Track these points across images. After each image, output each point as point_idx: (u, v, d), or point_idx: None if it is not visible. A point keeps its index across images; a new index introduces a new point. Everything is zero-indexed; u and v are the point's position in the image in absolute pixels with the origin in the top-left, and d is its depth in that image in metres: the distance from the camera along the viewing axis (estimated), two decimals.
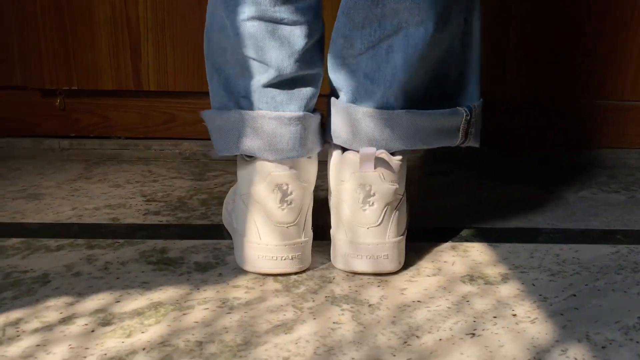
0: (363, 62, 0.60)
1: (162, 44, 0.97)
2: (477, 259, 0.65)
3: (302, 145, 0.60)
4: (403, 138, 0.61)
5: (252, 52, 0.59)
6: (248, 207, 0.61)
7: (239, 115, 0.60)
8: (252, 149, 0.60)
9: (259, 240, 0.60)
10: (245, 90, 0.61)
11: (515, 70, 0.99)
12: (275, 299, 0.57)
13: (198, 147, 1.01)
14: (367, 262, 0.60)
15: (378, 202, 0.59)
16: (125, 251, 0.66)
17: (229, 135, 0.61)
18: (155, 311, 0.54)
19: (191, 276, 0.61)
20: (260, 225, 0.60)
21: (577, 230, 0.73)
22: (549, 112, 1.01)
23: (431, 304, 0.56)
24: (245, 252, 0.61)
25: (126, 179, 0.90)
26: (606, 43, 0.97)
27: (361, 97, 0.61)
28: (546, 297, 0.57)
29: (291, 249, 0.60)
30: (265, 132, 0.59)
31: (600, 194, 0.86)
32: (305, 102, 0.60)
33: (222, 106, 0.63)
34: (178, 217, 0.76)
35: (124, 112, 1.01)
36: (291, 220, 0.60)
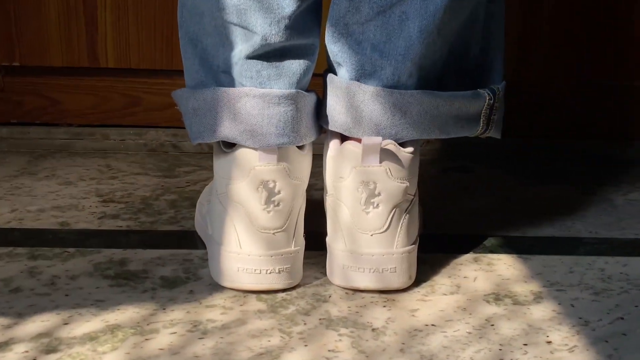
0: (371, 31, 0.60)
1: (124, 10, 0.96)
2: (504, 274, 0.65)
3: (294, 130, 0.59)
4: (416, 125, 0.60)
5: (234, 16, 0.59)
6: (226, 209, 0.60)
7: (217, 93, 0.60)
8: (232, 134, 0.59)
9: (239, 249, 0.60)
10: (226, 64, 0.61)
11: (549, 49, 0.99)
12: (258, 322, 0.56)
13: (167, 136, 1.00)
14: (370, 277, 0.60)
15: (384, 203, 0.59)
16: (76, 263, 0.66)
17: (205, 118, 0.61)
18: (112, 335, 0.54)
19: (156, 293, 0.60)
20: (241, 231, 0.60)
21: (625, 240, 0.74)
22: (589, 97, 1.01)
23: (448, 328, 0.56)
24: (222, 264, 0.61)
25: (79, 175, 0.89)
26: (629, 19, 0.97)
27: (367, 73, 0.60)
28: (588, 320, 0.57)
29: (278, 261, 0.60)
30: (248, 114, 0.59)
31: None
32: (298, 78, 0.60)
33: (198, 84, 0.63)
34: (141, 221, 0.76)
35: (77, 94, 1.00)
36: (279, 226, 0.60)
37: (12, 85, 1.00)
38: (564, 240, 0.73)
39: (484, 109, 0.63)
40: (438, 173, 0.94)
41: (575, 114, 1.01)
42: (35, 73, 0.99)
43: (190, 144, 1.00)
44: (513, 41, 0.97)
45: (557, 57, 1.00)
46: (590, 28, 0.99)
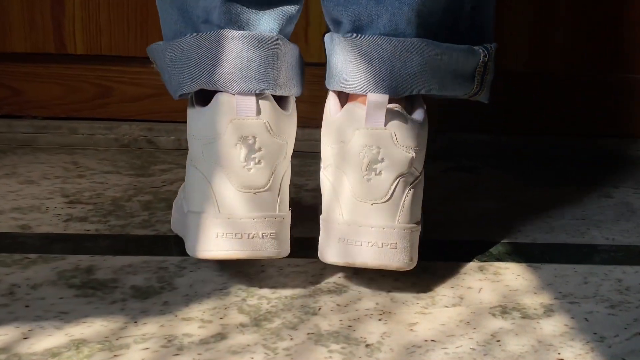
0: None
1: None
2: (511, 284, 0.65)
3: (274, 77, 0.60)
4: (417, 77, 0.62)
5: None
6: (203, 172, 0.60)
7: (195, 39, 0.61)
8: (211, 79, 0.60)
9: (217, 213, 0.59)
10: (206, 12, 0.62)
11: (564, 38, 0.99)
12: (240, 337, 0.56)
13: (141, 131, 1.00)
14: (368, 252, 0.59)
15: (387, 171, 0.59)
16: (38, 270, 0.65)
17: (183, 68, 0.62)
18: (77, 351, 0.53)
19: (127, 305, 0.60)
20: (219, 192, 0.59)
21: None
22: (607, 91, 1.01)
23: (450, 344, 0.56)
24: (199, 233, 0.59)
25: (42, 173, 0.89)
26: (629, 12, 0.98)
27: (364, 24, 0.62)
28: (604, 336, 0.57)
29: (262, 224, 0.59)
30: (227, 57, 0.60)
31: None
32: (280, 23, 0.62)
33: (177, 35, 0.65)
34: (111, 225, 0.75)
35: (41, 84, 1.00)
36: (261, 185, 0.59)
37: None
38: (578, 248, 0.74)
39: (479, 65, 0.66)
40: (437, 173, 0.94)
41: (592, 108, 1.02)
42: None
43: (167, 140, 1.00)
44: (524, 29, 0.98)
45: (570, 46, 1.00)
46: (607, 20, 0.99)
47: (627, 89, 1.01)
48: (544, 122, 1.01)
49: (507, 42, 0.95)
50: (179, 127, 1.00)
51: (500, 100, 0.79)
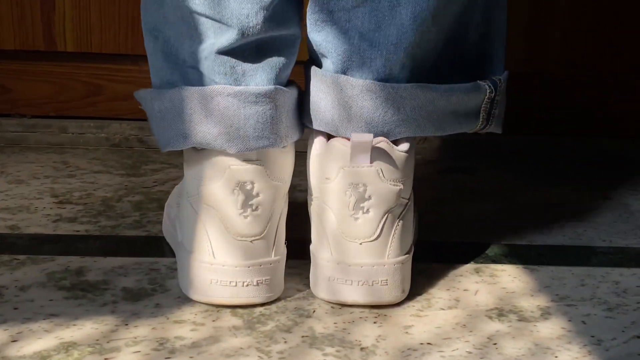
0: (358, 19, 0.60)
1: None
2: (508, 286, 0.66)
3: (273, 131, 0.59)
4: (410, 121, 0.61)
5: (204, 6, 0.58)
6: (198, 213, 0.60)
7: (186, 92, 0.60)
8: (205, 139, 0.59)
9: (212, 259, 0.60)
10: (193, 58, 0.60)
11: (564, 38, 1.00)
12: (233, 340, 0.56)
13: (132, 130, 1.00)
14: (359, 290, 0.60)
15: (375, 208, 0.59)
16: (27, 272, 0.65)
17: (173, 122, 0.61)
18: (67, 354, 0.53)
19: (117, 307, 0.60)
20: (215, 238, 0.60)
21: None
22: (606, 92, 1.02)
23: (446, 347, 0.56)
24: (193, 275, 0.60)
25: (31, 173, 0.89)
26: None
27: (355, 65, 0.60)
28: (601, 339, 0.58)
29: (257, 272, 0.60)
30: (222, 115, 0.59)
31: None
32: (276, 74, 0.60)
33: (164, 82, 0.63)
34: (101, 225, 0.75)
35: (31, 82, 1.00)
36: (257, 233, 0.60)
37: None
38: (575, 250, 0.74)
39: (484, 102, 0.64)
40: (434, 174, 0.95)
41: (588, 108, 1.02)
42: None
43: None
44: (521, 28, 0.98)
45: (569, 45, 1.00)
46: (606, 20, 0.99)
47: (627, 89, 1.02)
48: (542, 122, 1.01)
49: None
50: None
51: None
